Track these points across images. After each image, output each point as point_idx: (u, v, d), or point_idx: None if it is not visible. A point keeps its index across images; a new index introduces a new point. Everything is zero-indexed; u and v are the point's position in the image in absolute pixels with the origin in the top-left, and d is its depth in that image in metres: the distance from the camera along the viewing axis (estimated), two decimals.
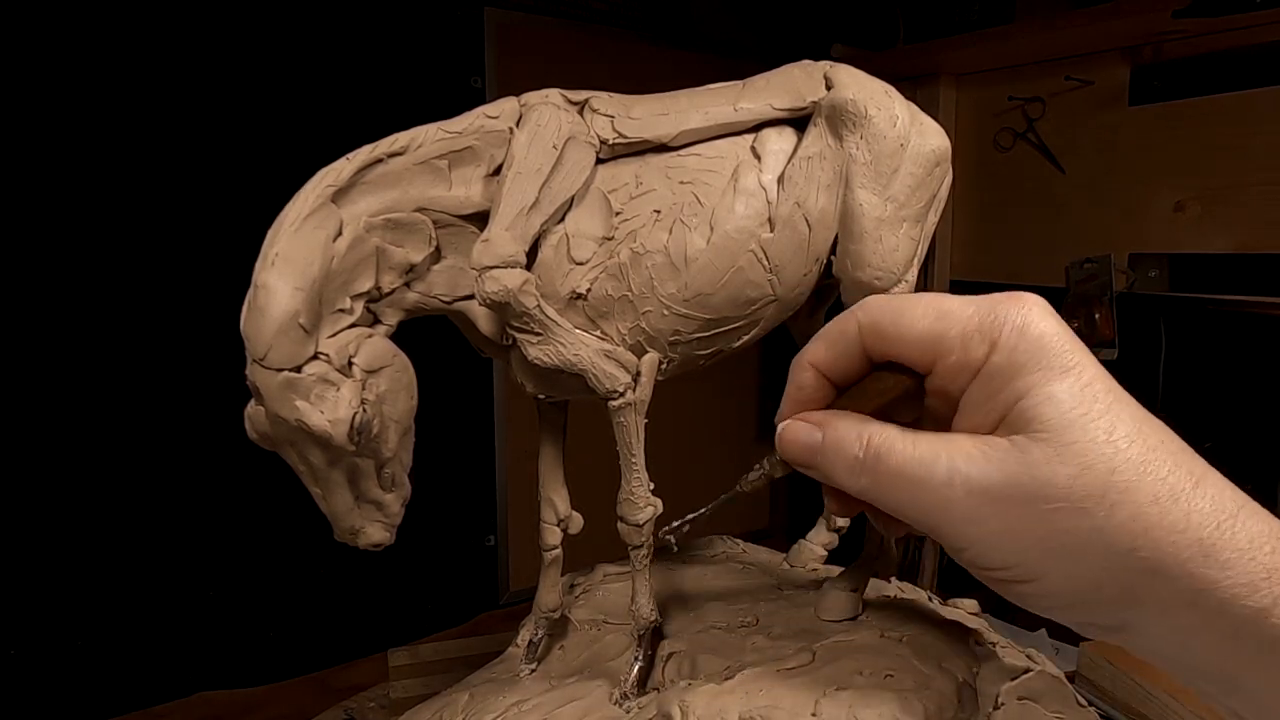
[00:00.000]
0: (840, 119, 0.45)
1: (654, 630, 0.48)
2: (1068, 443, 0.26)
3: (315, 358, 0.38)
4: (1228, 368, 1.00)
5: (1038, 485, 0.27)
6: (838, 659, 0.43)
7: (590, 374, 0.44)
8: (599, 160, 0.45)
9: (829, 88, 0.46)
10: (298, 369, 0.37)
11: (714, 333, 0.46)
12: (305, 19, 0.89)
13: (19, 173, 0.76)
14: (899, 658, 0.43)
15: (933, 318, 0.30)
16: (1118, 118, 1.02)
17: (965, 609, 0.54)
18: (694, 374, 0.49)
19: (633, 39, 1.15)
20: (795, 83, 0.47)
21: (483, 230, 0.42)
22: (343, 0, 0.91)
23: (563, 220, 0.44)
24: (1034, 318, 0.28)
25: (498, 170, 0.44)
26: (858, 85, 0.46)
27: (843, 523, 0.59)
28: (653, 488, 0.46)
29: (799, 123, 0.47)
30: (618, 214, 0.44)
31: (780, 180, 0.45)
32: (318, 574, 0.96)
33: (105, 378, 0.82)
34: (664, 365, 0.46)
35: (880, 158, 0.45)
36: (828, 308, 0.53)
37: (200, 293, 0.81)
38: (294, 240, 0.38)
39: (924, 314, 0.30)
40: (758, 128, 0.47)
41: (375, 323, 0.43)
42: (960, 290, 1.27)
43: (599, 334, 0.45)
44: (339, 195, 0.40)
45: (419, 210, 0.43)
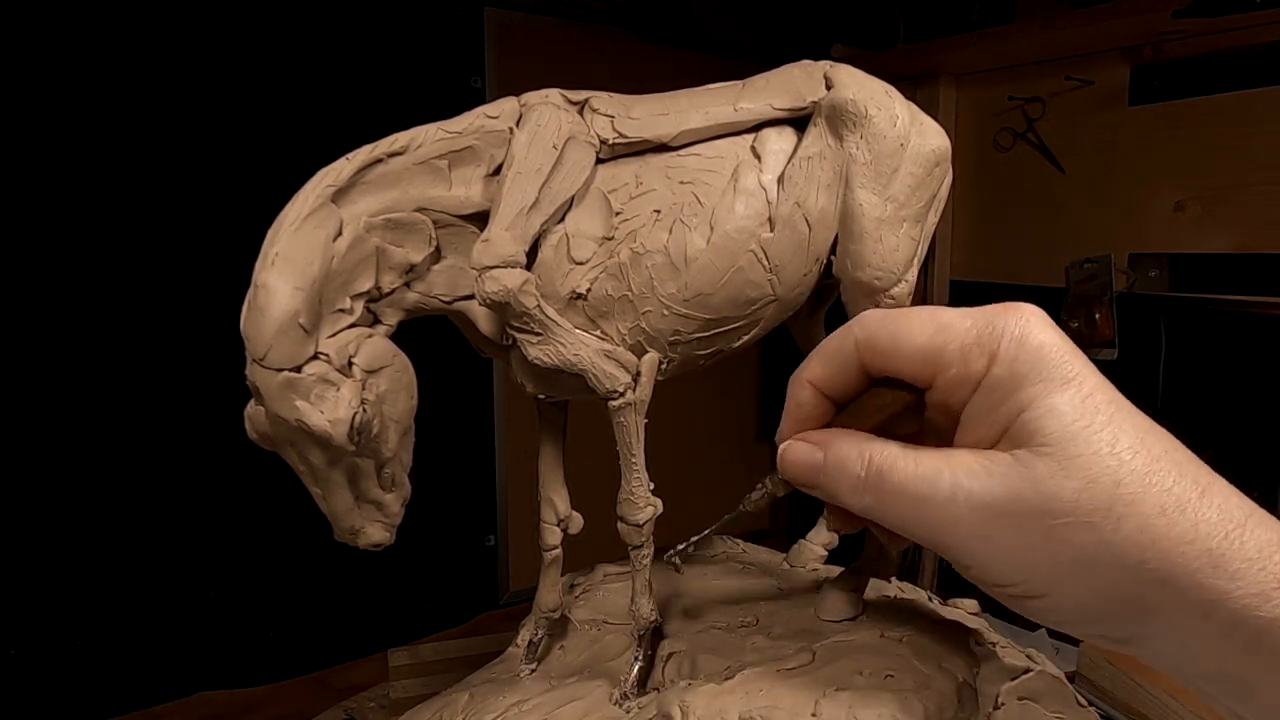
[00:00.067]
0: (840, 119, 0.45)
1: (654, 630, 0.48)
2: (1071, 456, 0.26)
3: (315, 358, 0.38)
4: (1228, 368, 1.00)
5: (1043, 500, 0.26)
6: (838, 659, 0.43)
7: (590, 374, 0.44)
8: (599, 160, 0.45)
9: (829, 88, 0.46)
10: (298, 369, 0.37)
11: (714, 333, 0.46)
12: (305, 19, 0.89)
13: (19, 173, 0.76)
14: (899, 658, 0.43)
15: (930, 332, 0.29)
16: (1118, 118, 1.02)
17: (965, 609, 0.55)
18: (694, 374, 0.49)
19: (633, 39, 1.15)
20: (795, 83, 0.47)
21: (483, 230, 0.42)
22: (343, 0, 0.91)
23: (563, 220, 0.44)
24: (1032, 328, 0.28)
25: (498, 170, 0.44)
26: (858, 85, 0.46)
27: None
28: (653, 488, 0.46)
29: (799, 123, 0.47)
30: (618, 214, 0.44)
31: (780, 180, 0.45)
32: (318, 574, 0.96)
33: (105, 378, 0.82)
34: (664, 365, 0.46)
35: (880, 158, 0.45)
36: (828, 308, 0.53)
37: (200, 293, 0.81)
38: (294, 240, 0.38)
39: (921, 329, 0.30)
40: (758, 128, 0.46)
41: (375, 323, 0.43)
42: (960, 290, 1.28)
43: (599, 334, 0.45)
44: (339, 195, 0.40)
45: (419, 210, 0.43)
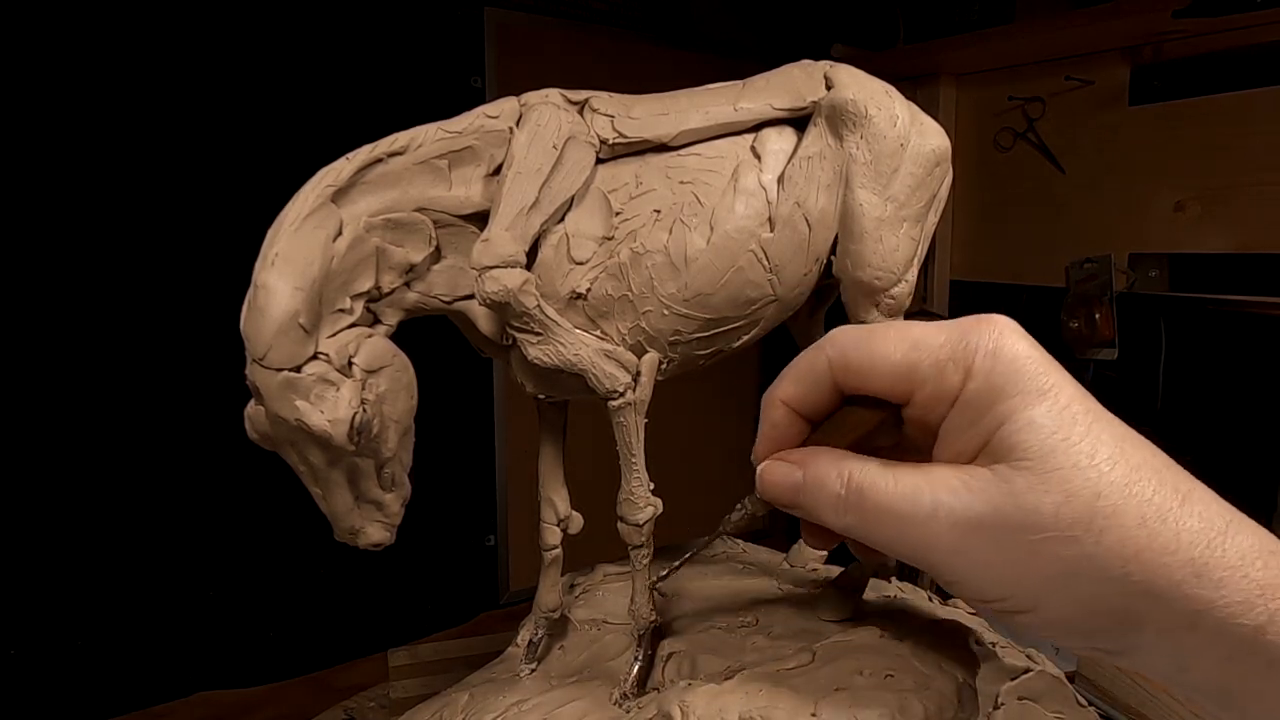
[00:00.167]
0: (840, 119, 0.45)
1: (654, 630, 0.48)
2: (1050, 470, 0.26)
3: (315, 358, 0.38)
4: (1228, 368, 1.00)
5: (1023, 515, 0.26)
6: (838, 659, 0.43)
7: (590, 374, 0.43)
8: (599, 160, 0.45)
9: (829, 88, 0.46)
10: (298, 369, 0.37)
11: (714, 333, 0.46)
12: (305, 19, 0.89)
13: (19, 173, 0.76)
14: (899, 658, 0.43)
15: (904, 349, 0.29)
16: (1118, 118, 1.02)
17: (965, 608, 0.54)
18: (694, 374, 0.49)
19: (633, 39, 1.15)
20: (795, 83, 0.47)
21: (483, 230, 0.42)
22: (343, 0, 0.91)
23: (563, 220, 0.44)
24: (1006, 341, 0.28)
25: (498, 170, 0.44)
26: (858, 85, 0.45)
27: None
28: (653, 488, 0.46)
29: (799, 123, 0.47)
30: (618, 214, 0.44)
31: (780, 180, 0.45)
32: (318, 574, 0.96)
33: (105, 378, 0.82)
34: (664, 365, 0.46)
35: (880, 157, 0.45)
36: (828, 308, 0.53)
37: (200, 293, 0.81)
38: (294, 240, 0.38)
39: (895, 346, 0.29)
40: (758, 127, 0.46)
41: (375, 323, 0.43)
42: (960, 290, 1.28)
43: (599, 334, 0.45)
44: (339, 195, 0.40)
45: (419, 210, 0.43)
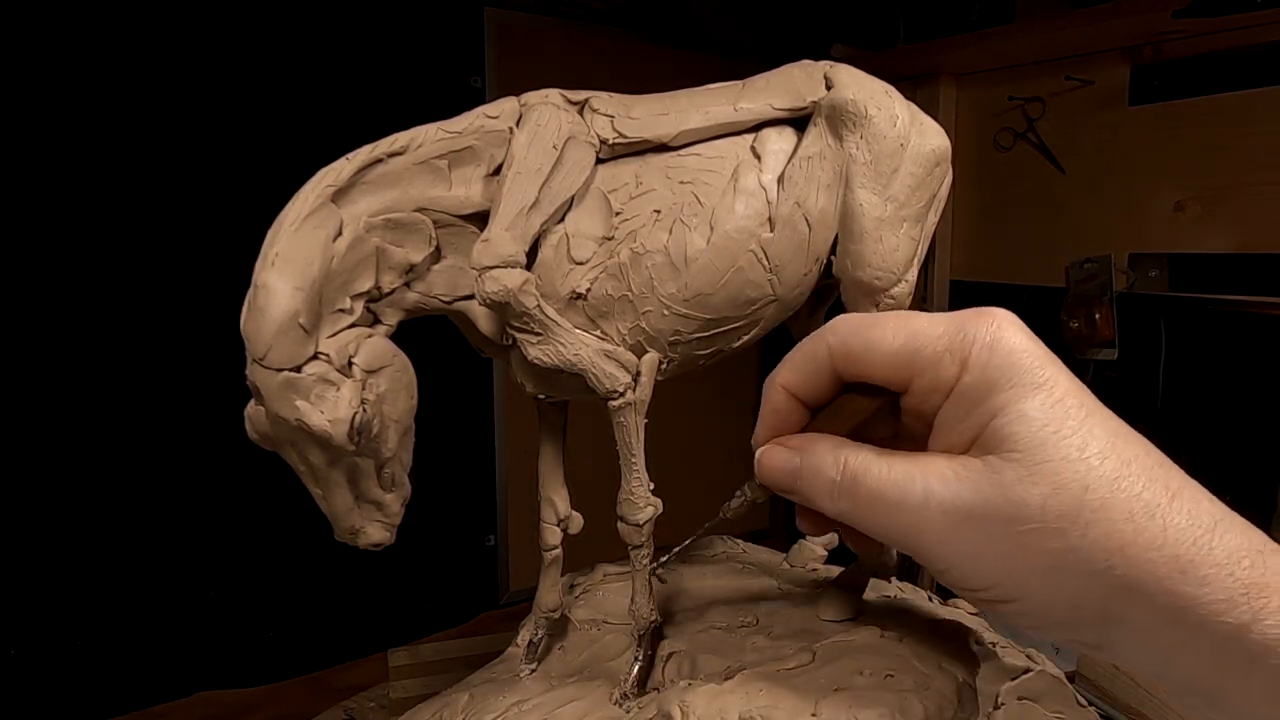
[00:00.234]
0: (840, 119, 0.45)
1: (654, 630, 0.48)
2: (1039, 462, 0.26)
3: (315, 358, 0.38)
4: (1228, 368, 1.00)
5: (1011, 506, 0.27)
6: (838, 659, 0.43)
7: (590, 374, 0.44)
8: (599, 160, 0.45)
9: (829, 88, 0.46)
10: (298, 369, 0.37)
11: (714, 333, 0.46)
12: (305, 19, 0.89)
13: (19, 173, 0.76)
14: (899, 658, 0.43)
15: (903, 339, 0.30)
16: (1118, 118, 1.02)
17: (965, 608, 0.54)
18: (694, 374, 0.49)
19: (633, 39, 1.15)
20: (795, 83, 0.47)
21: (483, 230, 0.42)
22: (343, 0, 0.91)
23: (563, 220, 0.44)
24: (1004, 334, 0.28)
25: (498, 170, 0.44)
26: (858, 85, 0.46)
27: None
28: (653, 488, 0.46)
29: (799, 123, 0.47)
30: (618, 214, 0.44)
31: (780, 180, 0.45)
32: (318, 574, 0.96)
33: (105, 378, 0.82)
34: (664, 365, 0.46)
35: (880, 158, 0.45)
36: (828, 308, 0.53)
37: (200, 293, 0.81)
38: (294, 240, 0.38)
39: (894, 335, 0.30)
40: (758, 127, 0.46)
41: (375, 323, 0.43)
42: (960, 290, 1.28)
43: (599, 334, 0.45)
44: (339, 195, 0.40)
45: (419, 210, 0.43)
